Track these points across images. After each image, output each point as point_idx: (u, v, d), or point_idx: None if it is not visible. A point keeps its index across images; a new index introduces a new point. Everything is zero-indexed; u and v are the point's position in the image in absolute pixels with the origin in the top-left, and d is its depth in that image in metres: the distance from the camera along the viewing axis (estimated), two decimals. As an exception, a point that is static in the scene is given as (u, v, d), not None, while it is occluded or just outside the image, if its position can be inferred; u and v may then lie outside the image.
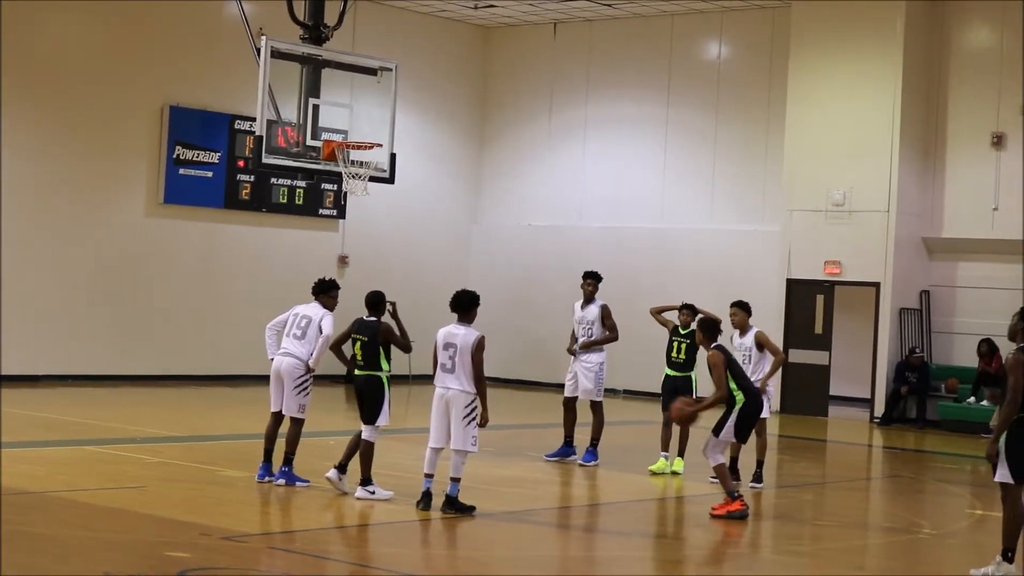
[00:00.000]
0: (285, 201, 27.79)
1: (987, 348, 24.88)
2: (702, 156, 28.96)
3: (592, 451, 17.69)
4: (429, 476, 13.44)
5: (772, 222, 27.45)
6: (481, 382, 13.36)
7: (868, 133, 26.14)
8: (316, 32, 19.83)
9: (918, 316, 26.41)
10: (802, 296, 26.87)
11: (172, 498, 13.52)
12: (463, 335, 13.37)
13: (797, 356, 26.45)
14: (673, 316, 17.70)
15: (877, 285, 26.05)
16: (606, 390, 18.18)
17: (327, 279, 15.11)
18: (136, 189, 25.94)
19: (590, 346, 17.85)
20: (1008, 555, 11.64)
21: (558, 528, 13.77)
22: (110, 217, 25.62)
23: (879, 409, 25.96)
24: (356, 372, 14.19)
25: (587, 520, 14.59)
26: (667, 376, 17.50)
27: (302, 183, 27.54)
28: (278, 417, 14.82)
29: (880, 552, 13.43)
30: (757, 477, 16.47)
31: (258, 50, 19.09)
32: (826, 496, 17.06)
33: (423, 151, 30.12)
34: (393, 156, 20.24)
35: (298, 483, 14.48)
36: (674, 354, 17.40)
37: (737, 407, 14.41)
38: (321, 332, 14.65)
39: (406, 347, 14.24)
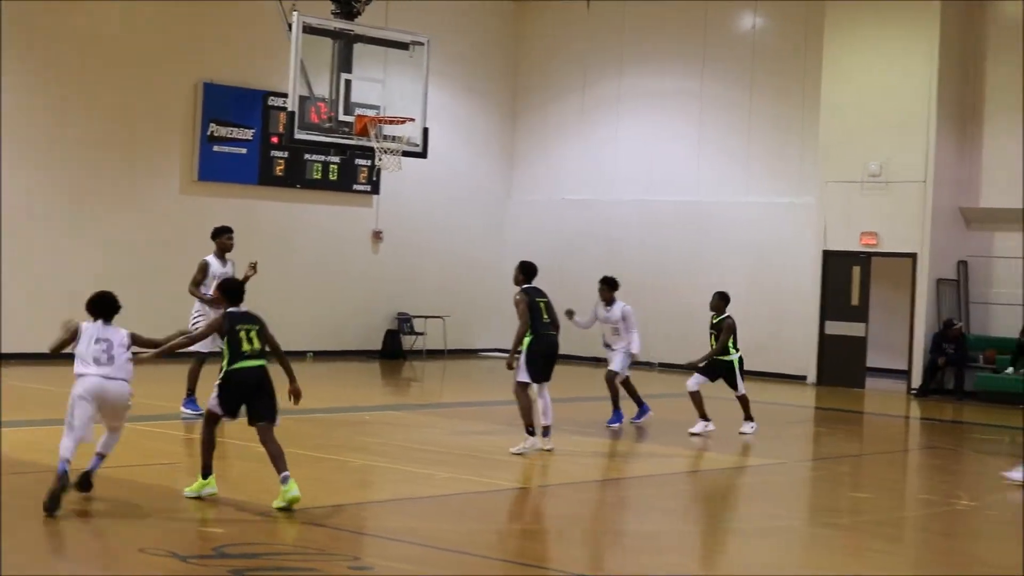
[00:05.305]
0: (319, 177, 27.80)
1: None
2: (737, 129, 28.80)
3: None
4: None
5: (808, 194, 27.30)
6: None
7: (905, 103, 25.96)
8: (348, 7, 19.81)
9: (955, 287, 26.27)
10: (838, 267, 26.74)
11: (207, 474, 13.50)
12: (114, 331, 12.92)
13: (834, 328, 26.40)
14: None
15: (914, 256, 25.90)
16: (642, 363, 18.33)
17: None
18: (171, 167, 25.98)
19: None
20: (529, 430, 15.36)
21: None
22: (145, 195, 25.67)
23: (916, 381, 25.84)
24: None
25: (614, 494, 14.56)
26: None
27: (336, 159, 27.55)
28: None
29: (918, 524, 13.36)
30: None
31: (290, 25, 19.08)
32: (863, 468, 16.99)
33: (456, 126, 30.08)
34: (426, 130, 20.23)
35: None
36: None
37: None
38: None
39: None
